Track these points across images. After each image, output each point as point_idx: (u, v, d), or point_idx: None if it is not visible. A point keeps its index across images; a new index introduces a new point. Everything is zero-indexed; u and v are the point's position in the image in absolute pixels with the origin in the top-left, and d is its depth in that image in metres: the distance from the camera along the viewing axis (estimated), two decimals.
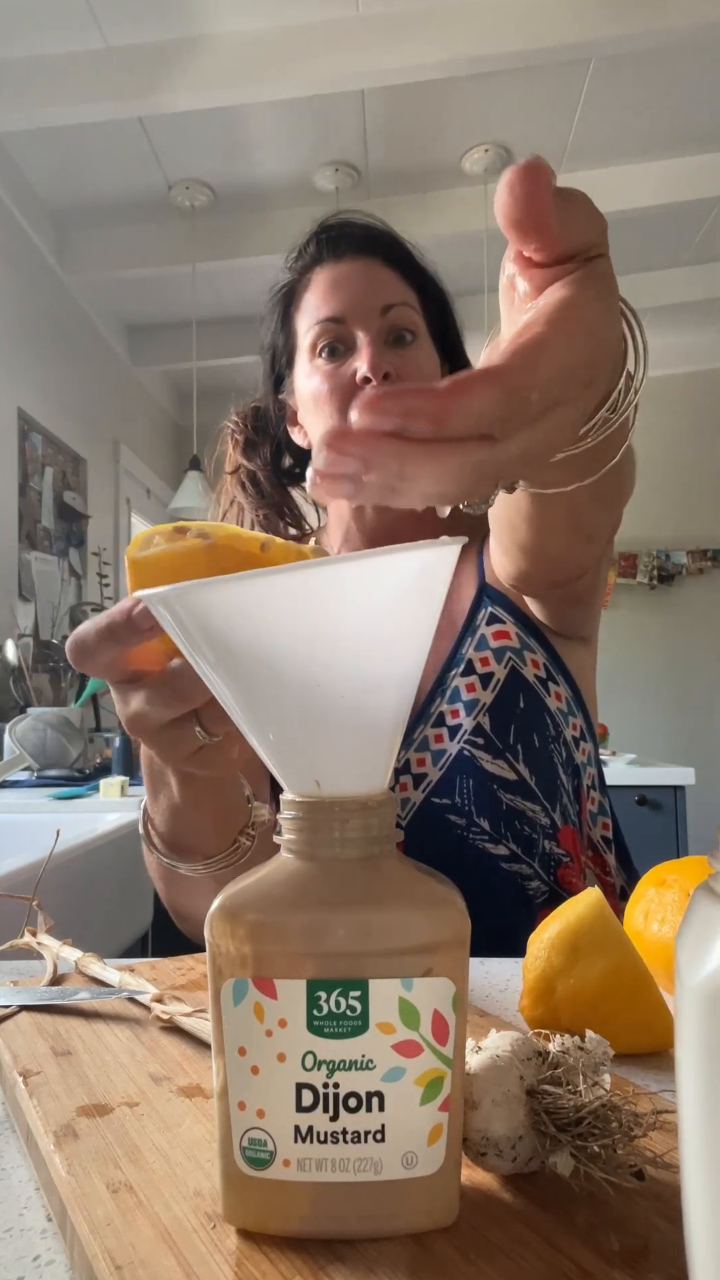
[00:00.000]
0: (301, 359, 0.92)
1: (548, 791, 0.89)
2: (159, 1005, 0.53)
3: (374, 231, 0.96)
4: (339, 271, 0.91)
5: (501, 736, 0.88)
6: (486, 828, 0.86)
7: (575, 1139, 0.34)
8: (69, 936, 0.67)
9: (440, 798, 0.87)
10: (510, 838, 0.87)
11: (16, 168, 3.00)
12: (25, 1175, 0.40)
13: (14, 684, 2.58)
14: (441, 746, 0.88)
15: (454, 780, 0.87)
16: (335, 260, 0.92)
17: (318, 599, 0.30)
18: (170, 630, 0.34)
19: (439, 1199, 0.33)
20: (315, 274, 0.93)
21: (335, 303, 0.89)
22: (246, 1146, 0.33)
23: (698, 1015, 0.23)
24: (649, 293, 3.97)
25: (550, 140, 2.97)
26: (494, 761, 0.87)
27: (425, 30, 2.43)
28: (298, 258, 0.97)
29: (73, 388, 3.51)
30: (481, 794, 0.86)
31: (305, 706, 0.32)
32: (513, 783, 0.87)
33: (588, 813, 0.95)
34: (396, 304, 0.89)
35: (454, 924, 0.33)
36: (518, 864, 0.86)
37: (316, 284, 0.92)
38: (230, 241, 3.34)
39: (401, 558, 0.31)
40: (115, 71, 2.53)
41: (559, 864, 0.88)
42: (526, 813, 0.87)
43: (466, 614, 0.93)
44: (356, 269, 0.91)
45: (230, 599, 0.31)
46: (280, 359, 0.97)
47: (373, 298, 0.89)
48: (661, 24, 2.37)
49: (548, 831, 0.88)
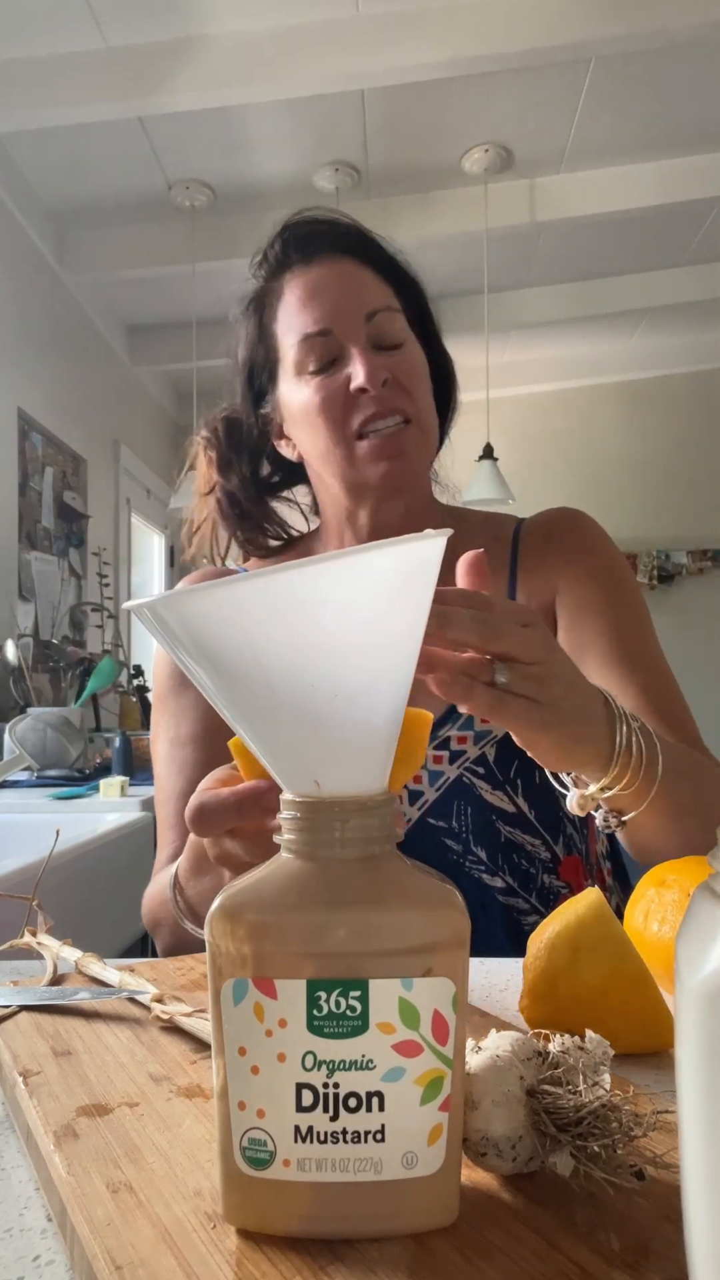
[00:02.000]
0: (286, 373, 0.88)
1: (549, 824, 0.87)
2: (159, 1005, 0.53)
3: (342, 228, 0.91)
4: (313, 277, 0.87)
5: (503, 769, 0.86)
6: (484, 858, 0.85)
7: (575, 1139, 0.34)
8: (69, 936, 0.67)
9: (436, 819, 0.85)
10: (508, 870, 0.85)
11: (16, 168, 3.00)
12: (25, 1175, 0.40)
13: (14, 684, 2.58)
14: (439, 768, 0.86)
15: (451, 804, 0.85)
16: (305, 264, 0.88)
17: (305, 598, 0.30)
18: (160, 638, 0.34)
19: (439, 1199, 0.33)
20: (287, 280, 0.88)
21: (317, 313, 0.85)
22: (246, 1146, 0.33)
23: (698, 1015, 0.23)
24: (649, 293, 3.97)
25: (550, 140, 2.97)
26: (493, 792, 0.86)
27: (425, 30, 2.43)
28: (263, 262, 0.92)
29: (73, 388, 3.51)
30: (480, 823, 0.85)
31: (300, 706, 0.32)
32: (512, 815, 0.86)
33: (595, 830, 0.93)
34: (380, 309, 0.86)
35: (454, 924, 0.33)
36: (514, 898, 0.85)
37: (291, 291, 0.87)
38: (230, 241, 3.34)
39: (386, 553, 0.31)
40: (115, 71, 2.52)
41: (558, 896, 0.86)
42: (526, 846, 0.86)
43: None
44: (332, 274, 0.87)
45: (218, 603, 0.31)
46: (260, 374, 0.92)
47: (355, 305, 0.85)
48: (661, 24, 2.37)
49: (547, 865, 0.86)
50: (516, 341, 4.40)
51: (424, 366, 0.89)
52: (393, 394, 0.84)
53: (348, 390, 0.83)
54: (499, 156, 3.03)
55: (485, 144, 2.98)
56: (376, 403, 0.83)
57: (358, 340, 0.84)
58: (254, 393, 0.93)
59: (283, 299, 0.88)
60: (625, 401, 4.96)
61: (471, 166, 3.07)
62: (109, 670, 2.75)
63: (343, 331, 0.84)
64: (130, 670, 3.41)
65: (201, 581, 0.90)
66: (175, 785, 0.89)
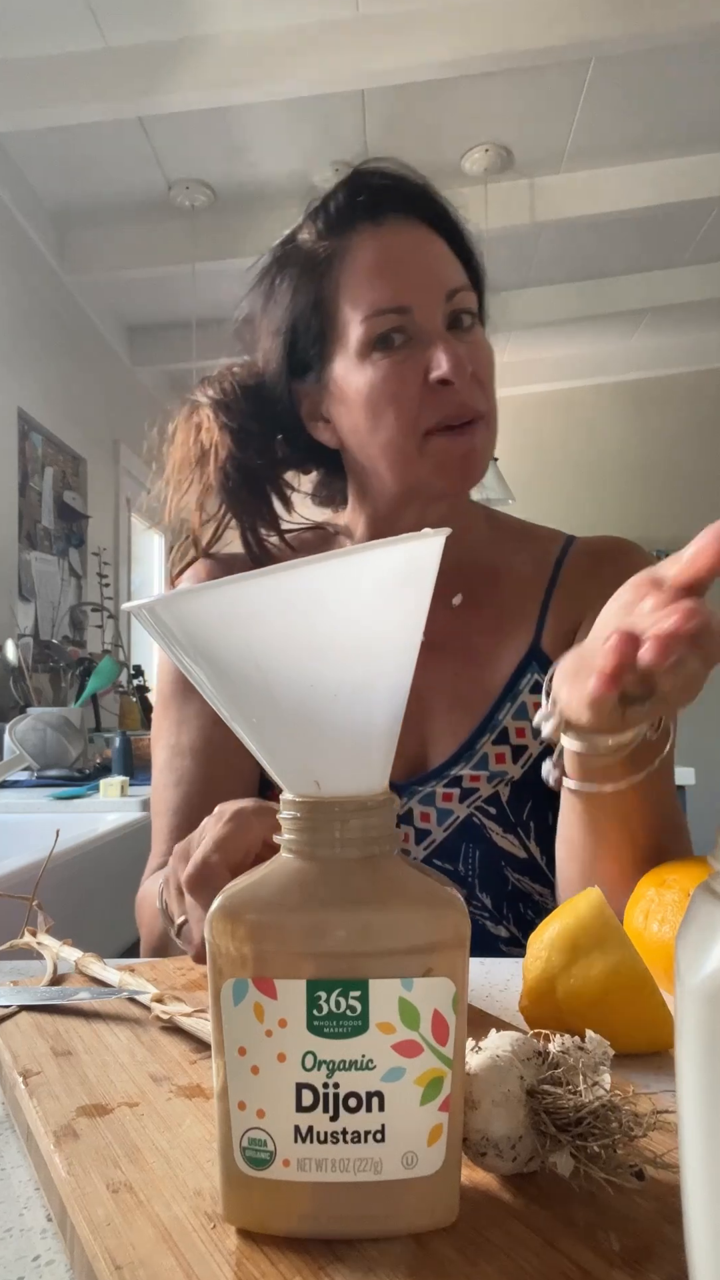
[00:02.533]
0: (345, 351, 0.77)
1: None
2: (159, 1005, 0.53)
3: (413, 188, 0.81)
4: (387, 242, 0.76)
5: (516, 810, 0.81)
6: (488, 905, 0.81)
7: (575, 1139, 0.34)
8: (69, 936, 0.67)
9: (443, 861, 0.81)
10: (512, 920, 0.81)
11: (16, 168, 3.00)
12: (25, 1175, 0.40)
13: (14, 684, 2.58)
14: (448, 806, 0.81)
15: (459, 847, 0.81)
16: (374, 224, 0.77)
17: (302, 598, 0.31)
18: (159, 639, 0.34)
19: (439, 1199, 0.33)
20: (353, 243, 0.77)
21: (395, 287, 0.75)
22: (246, 1146, 0.33)
23: (698, 1015, 0.23)
24: (649, 293, 3.97)
25: (550, 140, 2.97)
26: (504, 835, 0.81)
27: (425, 30, 2.43)
28: (319, 213, 0.80)
29: (73, 388, 3.51)
30: (487, 868, 0.81)
31: (299, 706, 0.32)
32: (522, 861, 0.81)
33: None
34: (460, 288, 0.77)
35: (454, 924, 0.33)
36: (517, 948, 0.81)
37: (360, 259, 0.76)
38: (230, 241, 3.34)
39: (383, 552, 0.31)
40: (115, 71, 2.52)
41: None
42: (533, 895, 0.82)
43: (510, 676, 0.83)
44: (408, 241, 0.77)
45: (217, 604, 0.31)
46: (309, 345, 0.80)
47: (437, 281, 0.76)
48: (661, 24, 2.37)
49: None
50: (517, 341, 4.40)
51: (493, 354, 0.81)
52: (471, 389, 0.75)
53: (424, 380, 0.74)
54: (499, 156, 3.02)
55: (485, 144, 2.98)
56: (456, 398, 0.74)
57: (438, 323, 0.75)
58: (293, 364, 0.81)
59: (349, 262, 0.77)
60: (626, 401, 4.96)
61: (471, 166, 3.06)
62: (109, 670, 2.75)
63: (423, 311, 0.75)
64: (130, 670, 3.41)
65: (208, 578, 0.85)
66: (171, 800, 0.87)
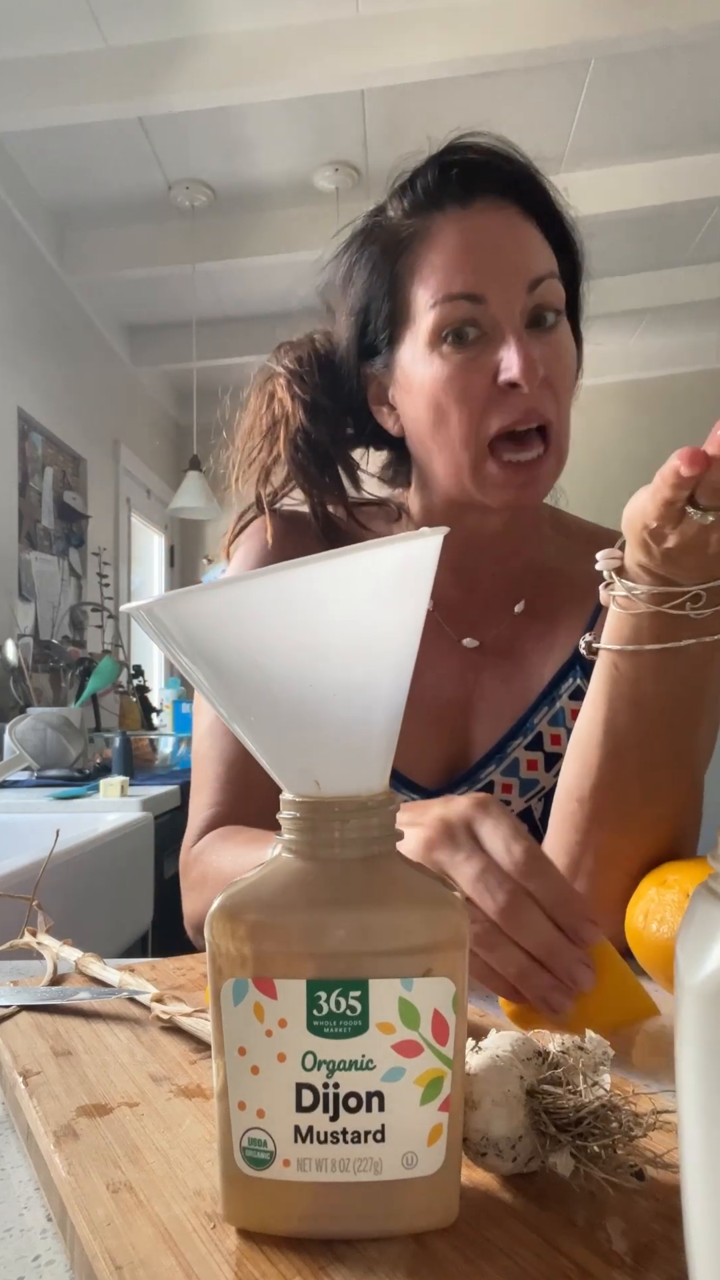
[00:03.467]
0: (416, 337, 0.73)
1: None
2: (159, 1005, 0.53)
3: (512, 166, 0.75)
4: (471, 225, 0.71)
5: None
6: None
7: (575, 1139, 0.34)
8: (69, 936, 0.67)
9: None
10: None
11: (16, 168, 3.00)
12: (25, 1175, 0.40)
13: (14, 684, 2.58)
14: None
15: None
16: (463, 205, 0.72)
17: (302, 598, 0.31)
18: (158, 640, 0.34)
19: (439, 1199, 0.33)
20: (437, 225, 0.72)
21: (471, 274, 0.70)
22: (246, 1146, 0.33)
23: (698, 1015, 0.23)
24: (649, 293, 3.97)
25: (550, 140, 2.97)
26: None
27: (425, 30, 2.43)
28: (406, 190, 0.75)
29: (73, 388, 3.51)
30: None
31: (299, 706, 0.32)
32: None
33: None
34: (544, 276, 0.71)
35: (454, 924, 0.33)
36: None
37: (442, 242, 0.72)
38: (230, 241, 3.34)
39: (380, 552, 0.31)
40: (115, 71, 2.52)
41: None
42: None
43: (550, 680, 0.81)
44: (494, 225, 0.72)
45: (215, 604, 0.31)
46: (379, 328, 0.76)
47: (519, 269, 0.70)
48: (661, 24, 2.37)
49: None
50: None
51: (574, 354, 0.76)
52: (541, 396, 0.71)
53: (493, 380, 0.70)
54: None
55: None
56: (527, 404, 0.70)
57: (515, 318, 0.70)
58: (363, 345, 0.78)
59: (428, 245, 0.72)
60: (627, 401, 4.96)
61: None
62: (109, 670, 2.75)
63: (499, 301, 0.70)
64: (130, 670, 3.41)
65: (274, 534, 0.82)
66: (225, 750, 0.79)
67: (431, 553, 0.33)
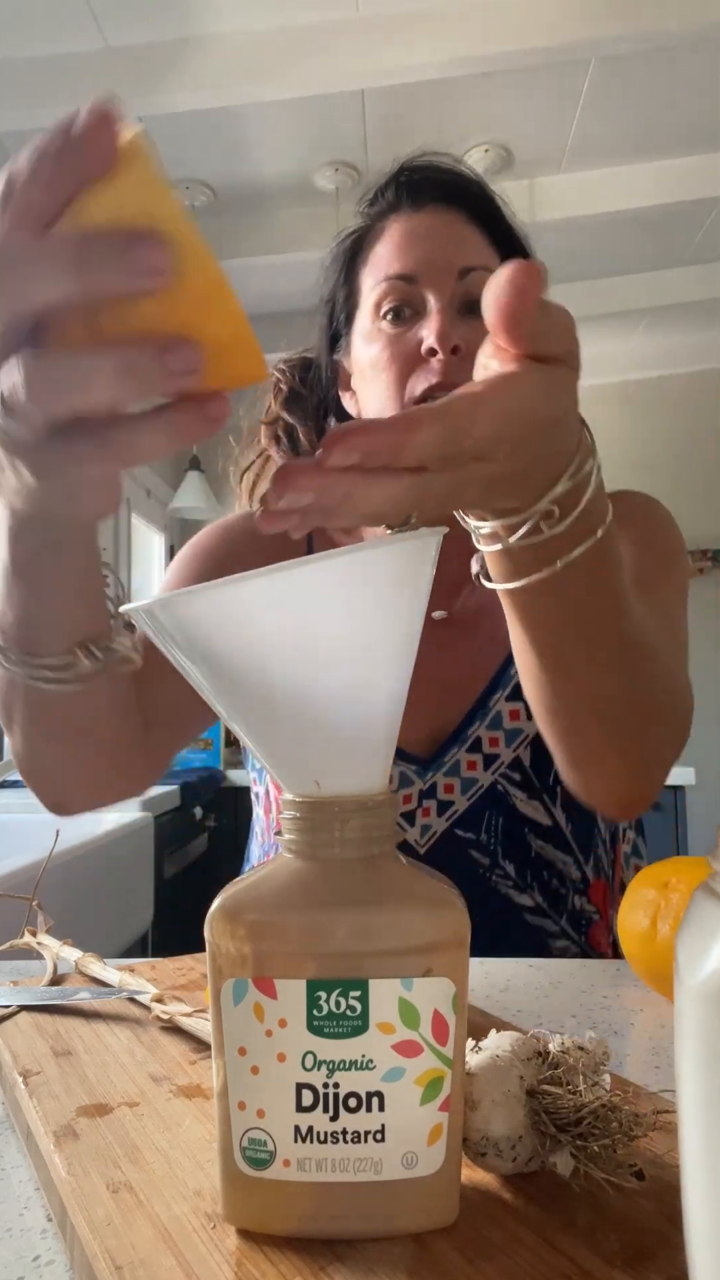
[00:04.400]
0: (363, 318, 0.82)
1: (582, 842, 0.83)
2: (159, 1005, 0.53)
3: (461, 180, 0.84)
4: (415, 223, 0.80)
5: (541, 775, 0.81)
6: (512, 873, 0.81)
7: (575, 1139, 0.34)
8: (69, 936, 0.67)
9: (465, 830, 0.81)
10: (537, 888, 0.81)
11: None
12: (25, 1175, 0.40)
13: None
14: (473, 774, 0.81)
15: (482, 813, 0.81)
16: (414, 210, 0.81)
17: (300, 597, 0.31)
18: (157, 640, 0.34)
19: (439, 1199, 0.33)
20: (389, 223, 0.82)
21: (407, 259, 0.78)
22: (246, 1146, 0.33)
23: (698, 1015, 0.23)
24: (649, 293, 3.97)
25: (550, 140, 2.97)
26: (528, 801, 0.81)
27: (425, 30, 2.43)
28: (373, 202, 0.86)
29: None
30: (510, 835, 0.81)
31: (298, 706, 0.32)
32: (546, 828, 0.81)
33: (622, 856, 0.89)
34: (476, 267, 0.78)
35: (454, 924, 0.33)
36: (543, 918, 0.81)
37: (389, 235, 0.81)
38: (230, 241, 3.33)
39: (379, 552, 0.31)
40: (115, 71, 2.52)
41: (590, 922, 0.83)
42: (556, 864, 0.82)
43: None
44: (437, 222, 0.80)
45: (214, 604, 0.31)
46: (339, 315, 0.86)
47: (451, 257, 0.78)
48: (661, 24, 2.37)
49: (578, 886, 0.82)
50: None
51: None
52: (462, 366, 0.75)
53: (418, 351, 0.76)
54: (499, 156, 3.02)
55: (485, 144, 2.98)
56: (441, 370, 0.75)
57: (442, 295, 0.77)
58: (330, 334, 0.88)
59: (380, 239, 0.82)
60: (626, 401, 4.96)
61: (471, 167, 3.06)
62: None
63: (428, 280, 0.77)
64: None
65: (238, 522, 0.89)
66: None
67: (430, 551, 0.33)
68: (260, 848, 0.94)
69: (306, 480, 0.34)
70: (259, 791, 0.93)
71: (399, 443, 0.35)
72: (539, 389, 0.39)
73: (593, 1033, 0.37)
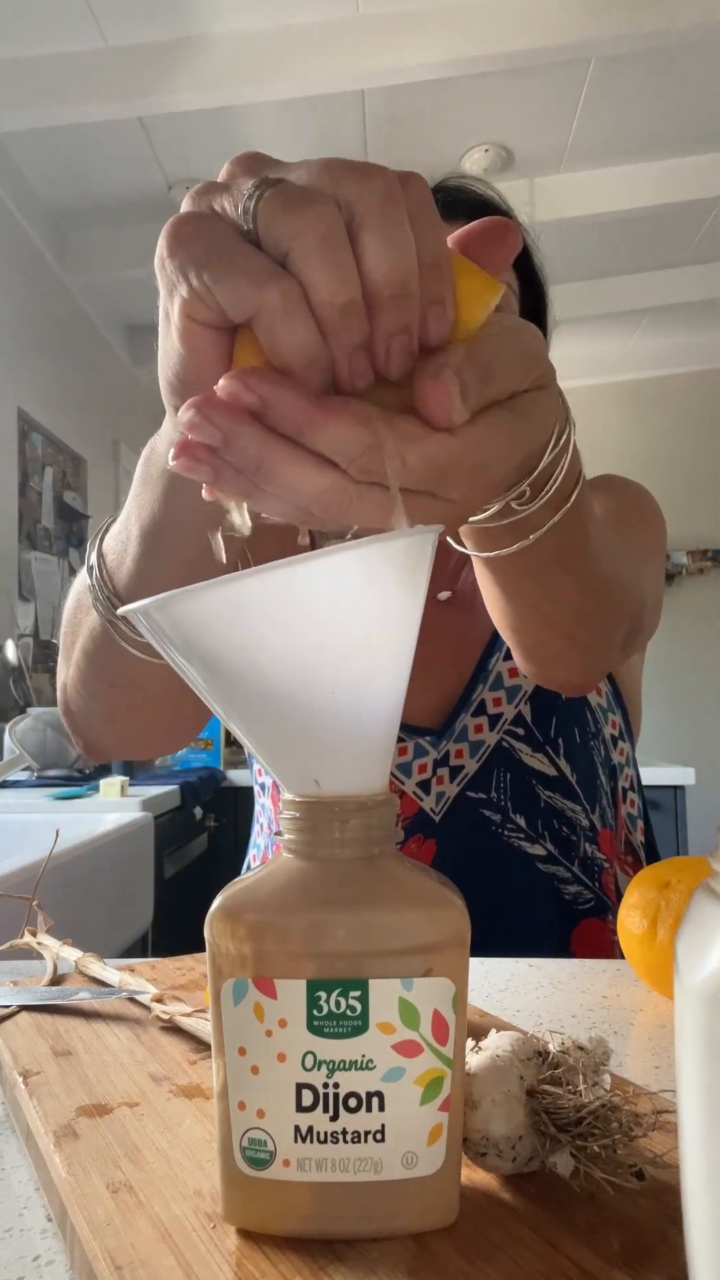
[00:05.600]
0: None
1: (588, 791, 0.86)
2: (159, 1005, 0.53)
3: (492, 206, 0.87)
4: None
5: (543, 728, 0.85)
6: (523, 825, 0.84)
7: (575, 1139, 0.34)
8: (69, 936, 0.67)
9: (475, 791, 0.84)
10: (548, 837, 0.84)
11: (16, 168, 3.00)
12: (25, 1175, 0.40)
13: (14, 684, 2.58)
14: (480, 737, 0.85)
15: (491, 772, 0.84)
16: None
17: (299, 596, 0.30)
18: (155, 640, 0.33)
19: (439, 1199, 0.33)
20: None
21: None
22: (246, 1146, 0.33)
23: (698, 1015, 0.23)
24: (649, 293, 3.97)
25: (550, 140, 2.97)
26: (533, 755, 0.85)
27: (425, 30, 2.43)
28: None
29: (73, 388, 3.51)
30: (519, 788, 0.84)
31: (297, 706, 0.32)
32: (553, 779, 0.85)
33: (625, 815, 0.92)
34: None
35: (454, 924, 0.33)
36: (555, 865, 0.84)
37: None
38: None
39: (377, 549, 0.31)
40: (115, 71, 2.52)
41: (601, 870, 0.85)
42: (566, 812, 0.85)
43: None
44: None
45: (211, 604, 0.31)
46: None
47: None
48: (661, 24, 2.37)
49: (588, 834, 0.85)
50: None
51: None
52: None
53: None
54: (499, 156, 3.02)
55: (485, 144, 2.98)
56: None
57: None
58: None
59: None
60: (626, 402, 4.96)
61: (471, 167, 3.06)
62: None
63: None
64: None
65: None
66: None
67: (428, 549, 0.33)
68: (265, 839, 0.94)
69: (219, 415, 0.30)
70: (264, 782, 0.94)
71: (309, 416, 0.30)
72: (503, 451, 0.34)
73: (593, 1033, 0.37)
